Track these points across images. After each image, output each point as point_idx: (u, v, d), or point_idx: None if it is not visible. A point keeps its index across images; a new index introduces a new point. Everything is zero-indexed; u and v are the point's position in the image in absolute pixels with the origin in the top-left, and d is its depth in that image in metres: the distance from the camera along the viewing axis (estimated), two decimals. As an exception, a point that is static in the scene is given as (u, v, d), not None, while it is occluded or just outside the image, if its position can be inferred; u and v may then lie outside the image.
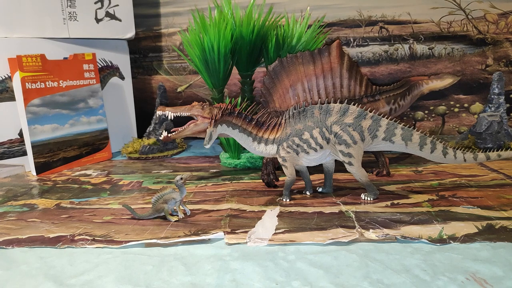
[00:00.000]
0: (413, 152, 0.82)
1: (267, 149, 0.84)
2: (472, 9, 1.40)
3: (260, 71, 1.42)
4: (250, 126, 0.84)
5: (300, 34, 1.05)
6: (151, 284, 0.55)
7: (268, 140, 0.84)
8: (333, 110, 0.80)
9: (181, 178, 0.76)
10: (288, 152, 0.82)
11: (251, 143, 0.85)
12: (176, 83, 1.59)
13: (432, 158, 0.83)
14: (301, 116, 0.82)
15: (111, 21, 1.31)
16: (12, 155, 1.15)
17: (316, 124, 0.81)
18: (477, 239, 0.64)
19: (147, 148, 1.30)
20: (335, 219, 0.74)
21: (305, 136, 0.81)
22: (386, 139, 0.81)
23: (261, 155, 0.87)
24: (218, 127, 0.82)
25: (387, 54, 1.46)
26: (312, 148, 0.82)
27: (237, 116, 0.84)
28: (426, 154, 0.82)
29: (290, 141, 0.82)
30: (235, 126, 0.84)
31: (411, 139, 0.80)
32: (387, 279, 0.54)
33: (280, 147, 0.83)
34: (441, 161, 0.83)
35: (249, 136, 0.85)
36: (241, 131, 0.84)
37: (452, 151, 0.81)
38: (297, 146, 0.82)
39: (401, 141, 0.81)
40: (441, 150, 0.81)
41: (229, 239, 0.67)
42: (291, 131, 0.82)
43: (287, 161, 0.83)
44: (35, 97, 1.10)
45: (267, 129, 0.85)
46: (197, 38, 1.04)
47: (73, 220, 0.78)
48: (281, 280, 0.55)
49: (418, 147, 0.81)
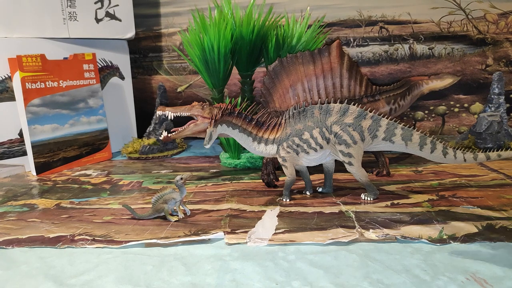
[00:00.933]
0: (413, 152, 0.82)
1: (267, 149, 0.84)
2: (472, 9, 1.40)
3: (260, 71, 1.42)
4: (250, 126, 0.84)
5: (300, 34, 1.05)
6: (151, 284, 0.55)
7: (268, 140, 0.84)
8: (333, 110, 0.80)
9: (181, 178, 0.76)
10: (288, 152, 0.82)
11: (251, 143, 0.85)
12: (176, 83, 1.59)
13: (432, 158, 0.83)
14: (301, 116, 0.82)
15: (111, 21, 1.31)
16: (12, 155, 1.15)
17: (316, 124, 0.81)
18: (477, 239, 0.64)
19: (147, 148, 1.30)
20: (335, 219, 0.74)
21: (305, 136, 0.81)
22: (386, 139, 0.81)
23: (261, 155, 0.87)
24: (218, 127, 0.82)
25: (387, 54, 1.46)
26: (312, 148, 0.82)
27: (237, 116, 0.84)
28: (426, 154, 0.82)
29: (290, 141, 0.82)
30: (235, 126, 0.84)
31: (411, 139, 0.80)
32: (387, 279, 0.54)
33: (280, 147, 0.83)
34: (441, 161, 0.83)
35: (249, 136, 0.85)
36: (241, 131, 0.84)
37: (452, 151, 0.81)
38: (297, 146, 0.82)
39: (401, 141, 0.81)
40: (441, 150, 0.81)
41: (229, 239, 0.67)
42: (291, 131, 0.82)
43: (287, 161, 0.83)
44: (35, 97, 1.10)
45: (267, 129, 0.85)
46: (197, 38, 1.04)
47: (73, 220, 0.78)
48: (281, 280, 0.55)
49: (418, 147, 0.81)
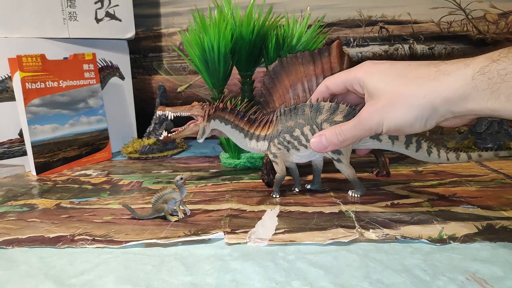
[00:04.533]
0: (399, 150, 0.84)
1: (258, 145, 0.86)
2: (472, 9, 1.40)
3: (260, 71, 1.42)
4: (242, 122, 0.86)
5: (300, 34, 1.05)
6: (151, 284, 0.55)
7: (259, 136, 0.86)
8: (323, 108, 0.82)
9: (181, 178, 0.76)
10: (279, 148, 0.84)
11: (243, 139, 0.86)
12: (176, 83, 1.59)
13: (417, 156, 0.84)
14: (292, 114, 0.83)
15: (111, 21, 1.31)
16: (12, 155, 1.15)
17: (306, 122, 0.82)
18: (477, 239, 0.64)
19: (147, 148, 1.30)
20: (335, 219, 0.74)
21: (296, 133, 0.82)
22: (374, 137, 0.82)
23: (253, 151, 0.88)
24: (211, 122, 0.84)
25: (387, 54, 1.46)
26: (302, 145, 0.83)
27: (230, 112, 0.85)
28: (412, 153, 0.83)
29: (281, 137, 0.83)
30: (228, 122, 0.85)
31: (398, 137, 0.82)
32: (387, 279, 0.54)
33: (271, 143, 0.84)
34: (426, 160, 0.84)
35: (241, 132, 0.86)
36: (233, 127, 0.86)
37: (436, 150, 0.82)
38: (288, 143, 0.83)
39: (388, 140, 0.82)
40: (425, 149, 0.82)
41: (229, 239, 0.67)
42: (282, 128, 0.83)
43: (277, 157, 0.84)
44: (35, 97, 1.10)
45: (259, 126, 0.86)
46: (197, 38, 1.04)
47: (73, 220, 0.78)
48: (281, 280, 0.55)
49: (404, 146, 0.82)
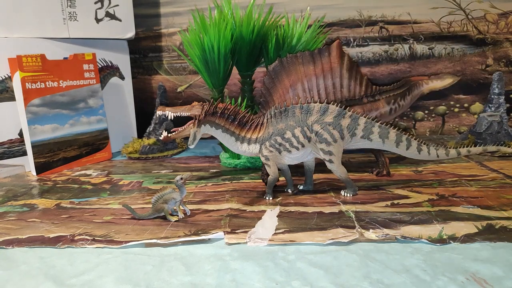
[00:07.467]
0: (390, 149, 0.85)
1: (250, 148, 0.86)
2: (472, 9, 1.40)
3: (260, 71, 1.42)
4: (233, 126, 0.85)
5: (300, 34, 1.05)
6: (151, 284, 0.55)
7: (250, 139, 0.85)
8: (313, 110, 0.82)
9: (181, 178, 0.76)
10: (271, 151, 0.84)
11: (234, 142, 0.86)
12: (176, 83, 1.59)
13: (407, 154, 0.86)
14: (283, 116, 0.83)
15: (111, 21, 1.31)
16: (12, 155, 1.15)
17: (297, 124, 0.82)
18: (477, 239, 0.64)
19: (147, 148, 1.30)
20: (335, 219, 0.74)
21: (287, 135, 0.82)
22: (364, 137, 0.83)
23: (244, 154, 0.88)
24: (201, 127, 0.83)
25: (387, 54, 1.46)
26: (294, 147, 0.83)
27: (220, 116, 0.84)
28: (402, 151, 0.85)
29: (273, 140, 0.83)
30: (218, 126, 0.85)
31: (388, 136, 0.83)
32: (387, 279, 0.54)
33: (263, 146, 0.84)
34: (416, 157, 0.86)
35: (232, 135, 0.86)
36: (224, 131, 0.85)
37: (426, 148, 0.84)
38: (280, 145, 0.83)
39: (378, 139, 0.83)
40: (415, 147, 0.84)
41: (229, 239, 0.67)
42: (273, 130, 0.83)
43: (270, 159, 0.84)
44: (35, 97, 1.10)
45: (250, 129, 0.86)
46: (197, 38, 1.04)
47: (73, 220, 0.78)
48: (281, 280, 0.55)
49: (394, 144, 0.84)
